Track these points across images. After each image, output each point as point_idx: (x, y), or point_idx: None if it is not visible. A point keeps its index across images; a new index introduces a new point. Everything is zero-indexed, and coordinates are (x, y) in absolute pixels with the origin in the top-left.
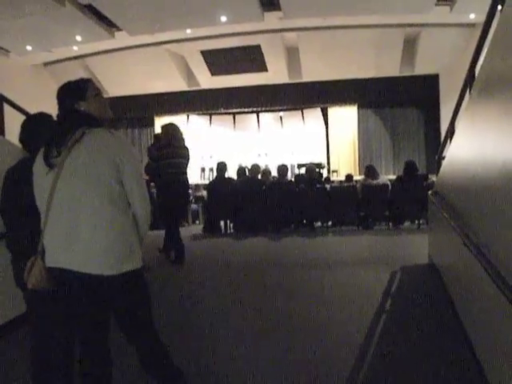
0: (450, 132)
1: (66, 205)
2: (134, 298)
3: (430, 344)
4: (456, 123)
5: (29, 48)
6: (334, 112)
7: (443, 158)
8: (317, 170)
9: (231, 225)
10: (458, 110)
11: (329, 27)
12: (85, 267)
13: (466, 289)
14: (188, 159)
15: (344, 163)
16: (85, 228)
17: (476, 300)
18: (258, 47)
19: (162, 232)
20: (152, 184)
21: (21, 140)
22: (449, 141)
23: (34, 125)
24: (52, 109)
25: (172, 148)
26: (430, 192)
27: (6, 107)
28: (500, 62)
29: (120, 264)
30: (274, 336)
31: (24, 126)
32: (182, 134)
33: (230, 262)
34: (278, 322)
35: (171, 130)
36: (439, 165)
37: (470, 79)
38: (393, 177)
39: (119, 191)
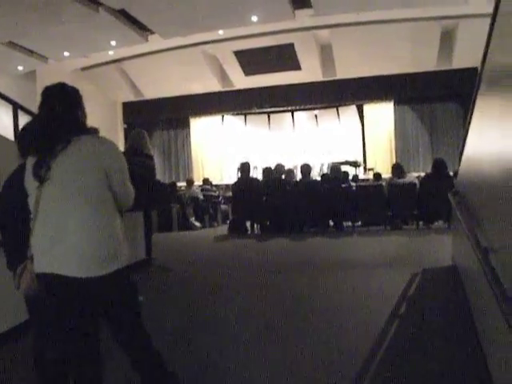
0: (468, 129)
1: (51, 211)
2: (121, 297)
3: (441, 356)
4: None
5: (66, 54)
6: (370, 109)
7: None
8: (342, 168)
9: (258, 226)
10: (474, 105)
11: (362, 23)
12: (70, 271)
13: (478, 294)
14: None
15: (381, 161)
16: (70, 232)
17: (485, 307)
18: (290, 45)
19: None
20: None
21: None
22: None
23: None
24: (91, 113)
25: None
26: (451, 191)
27: None
28: (501, 54)
29: (105, 265)
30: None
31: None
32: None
33: (252, 264)
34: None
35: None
36: (460, 163)
37: (481, 73)
38: None
39: (107, 196)
